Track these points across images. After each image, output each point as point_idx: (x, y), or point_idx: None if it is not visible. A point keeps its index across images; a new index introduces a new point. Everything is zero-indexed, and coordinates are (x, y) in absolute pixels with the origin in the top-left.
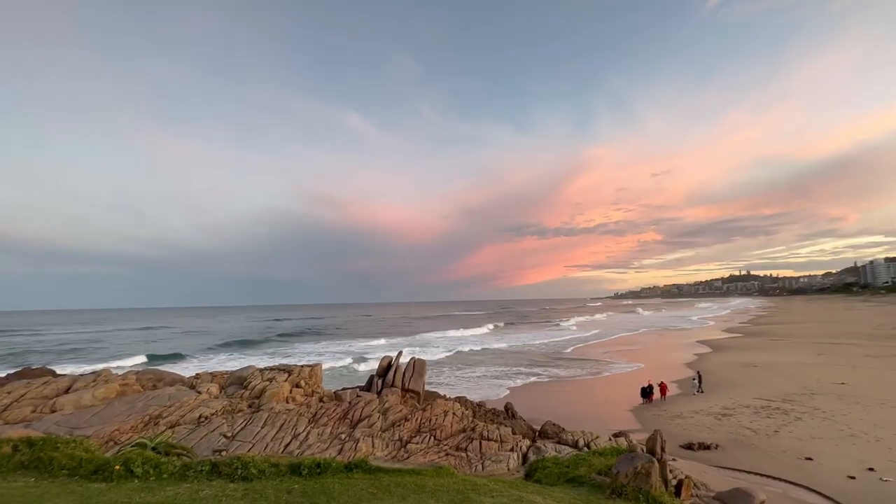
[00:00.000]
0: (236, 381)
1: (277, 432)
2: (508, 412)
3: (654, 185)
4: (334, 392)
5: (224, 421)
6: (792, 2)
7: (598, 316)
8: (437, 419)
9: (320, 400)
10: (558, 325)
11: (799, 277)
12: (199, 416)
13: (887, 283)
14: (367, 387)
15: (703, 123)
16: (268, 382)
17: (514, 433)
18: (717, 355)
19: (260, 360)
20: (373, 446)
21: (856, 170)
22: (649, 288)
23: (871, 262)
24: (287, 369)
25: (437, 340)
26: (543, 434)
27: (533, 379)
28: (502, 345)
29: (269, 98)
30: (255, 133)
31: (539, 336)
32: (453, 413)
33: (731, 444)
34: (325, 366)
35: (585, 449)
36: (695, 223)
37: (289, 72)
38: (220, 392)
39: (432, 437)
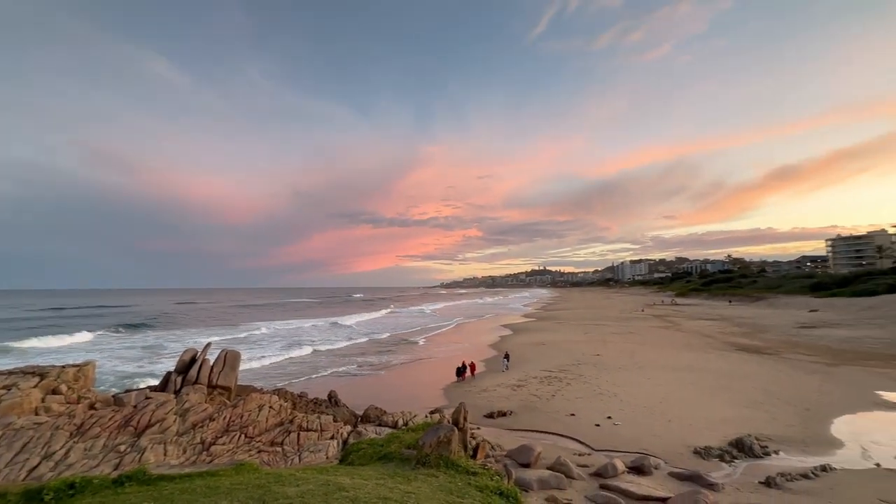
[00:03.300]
0: None
1: (17, 455)
2: (332, 400)
3: (479, 187)
4: (113, 396)
5: None
6: (587, 50)
7: (448, 303)
8: (250, 415)
9: (91, 407)
10: (411, 311)
11: (578, 273)
12: None
13: (630, 278)
14: (162, 386)
15: (520, 138)
16: (4, 391)
17: (335, 421)
18: (517, 336)
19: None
20: (164, 454)
21: (617, 192)
22: (470, 278)
23: (622, 263)
24: (40, 372)
25: (267, 332)
26: (366, 418)
27: (368, 370)
28: (350, 335)
29: (17, 8)
30: None
31: (389, 325)
32: (270, 406)
33: (522, 410)
34: (113, 367)
35: (404, 427)
36: (509, 223)
37: None
38: None
39: (243, 435)
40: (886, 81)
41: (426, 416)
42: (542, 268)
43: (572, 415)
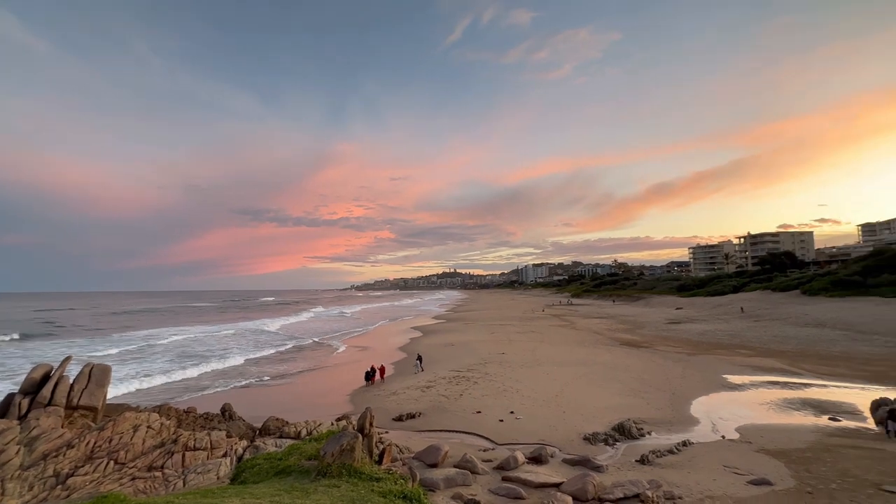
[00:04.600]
0: None
1: None
2: (225, 414)
3: (391, 188)
4: None
5: None
6: (497, 63)
7: (366, 306)
8: (121, 438)
9: None
10: (331, 315)
11: (486, 275)
12: None
13: (533, 281)
14: (2, 411)
15: (434, 143)
16: None
17: (229, 436)
18: (427, 338)
19: None
20: (2, 493)
21: (522, 200)
22: (381, 281)
23: (526, 266)
24: None
25: (159, 343)
26: (265, 431)
27: (271, 379)
28: (271, 341)
29: None
30: None
31: (311, 329)
32: (148, 426)
33: (431, 410)
34: None
35: (307, 438)
36: (421, 226)
37: None
38: None
39: (112, 462)
40: (734, 117)
41: (332, 424)
42: (452, 270)
43: (478, 412)
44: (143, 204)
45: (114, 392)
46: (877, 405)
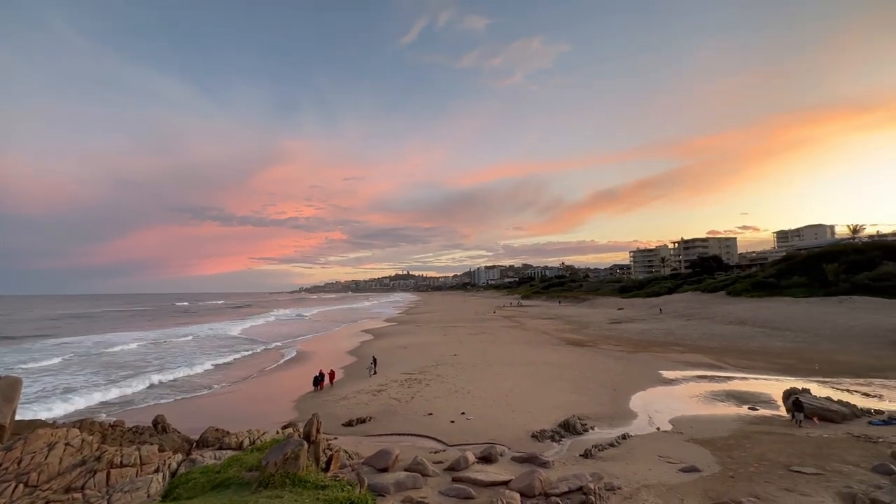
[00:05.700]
0: None
1: None
2: (158, 427)
3: (344, 188)
4: None
5: None
6: (453, 66)
7: (323, 308)
8: (33, 458)
9: None
10: (287, 318)
11: (439, 277)
12: None
13: (485, 283)
14: None
15: (389, 143)
16: None
17: (162, 450)
18: (378, 341)
19: None
20: None
21: (475, 203)
22: (332, 283)
23: (478, 269)
24: None
25: (90, 352)
26: (203, 443)
27: (212, 388)
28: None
29: None
30: None
31: (268, 333)
32: (66, 443)
33: (382, 414)
34: None
35: (250, 448)
36: (374, 227)
37: None
38: None
39: (22, 485)
40: (671, 130)
41: (277, 433)
42: (405, 272)
43: (430, 414)
44: (65, 199)
45: (36, 410)
46: (787, 395)
